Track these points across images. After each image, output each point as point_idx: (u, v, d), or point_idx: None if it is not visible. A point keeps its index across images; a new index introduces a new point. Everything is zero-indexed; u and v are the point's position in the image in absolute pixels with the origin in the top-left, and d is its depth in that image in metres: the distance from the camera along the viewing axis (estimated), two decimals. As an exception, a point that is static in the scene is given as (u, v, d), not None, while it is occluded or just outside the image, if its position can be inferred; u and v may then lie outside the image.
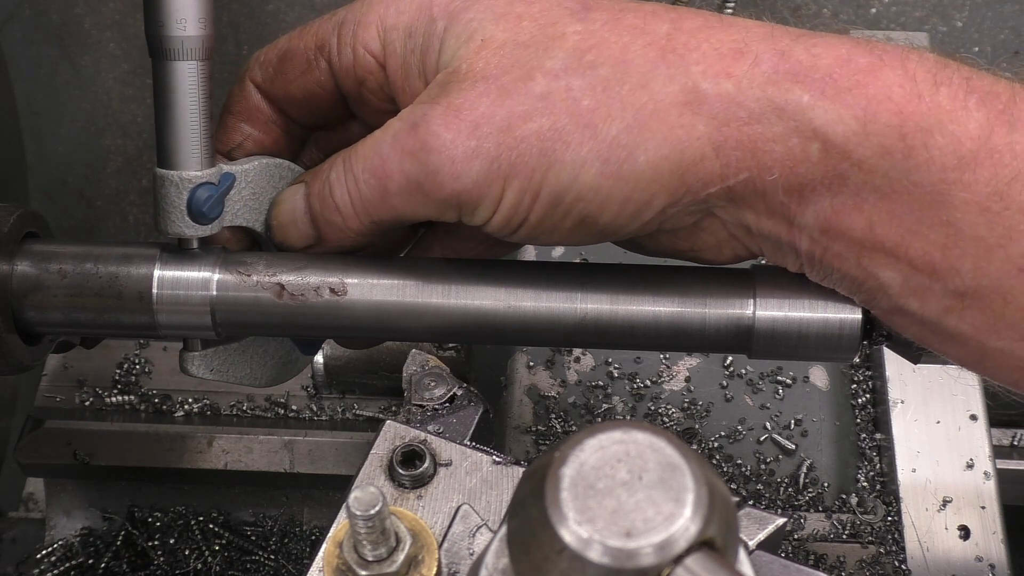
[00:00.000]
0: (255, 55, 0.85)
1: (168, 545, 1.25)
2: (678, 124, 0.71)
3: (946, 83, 0.70)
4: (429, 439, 0.81)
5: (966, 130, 0.69)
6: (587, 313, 0.80)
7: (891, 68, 0.70)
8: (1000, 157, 0.68)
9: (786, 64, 0.71)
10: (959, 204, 0.69)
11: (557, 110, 0.72)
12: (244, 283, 0.81)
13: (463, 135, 0.73)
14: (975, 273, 0.70)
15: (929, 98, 0.69)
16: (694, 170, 0.72)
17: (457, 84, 0.74)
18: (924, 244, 0.71)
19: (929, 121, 0.69)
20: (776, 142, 0.71)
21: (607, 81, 0.72)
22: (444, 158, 0.73)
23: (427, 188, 0.74)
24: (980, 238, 0.69)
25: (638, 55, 0.72)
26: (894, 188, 0.70)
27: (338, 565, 0.70)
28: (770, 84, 0.71)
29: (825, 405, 1.17)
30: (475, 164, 0.73)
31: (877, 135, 0.69)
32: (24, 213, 0.84)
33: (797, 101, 0.70)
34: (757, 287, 0.79)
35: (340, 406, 1.31)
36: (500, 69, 0.73)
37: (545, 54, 0.73)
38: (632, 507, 0.55)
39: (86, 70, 1.83)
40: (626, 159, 0.72)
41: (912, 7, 1.79)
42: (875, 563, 1.09)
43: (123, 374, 1.32)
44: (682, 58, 0.72)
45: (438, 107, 0.74)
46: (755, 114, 0.71)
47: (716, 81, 0.71)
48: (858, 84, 0.70)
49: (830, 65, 0.71)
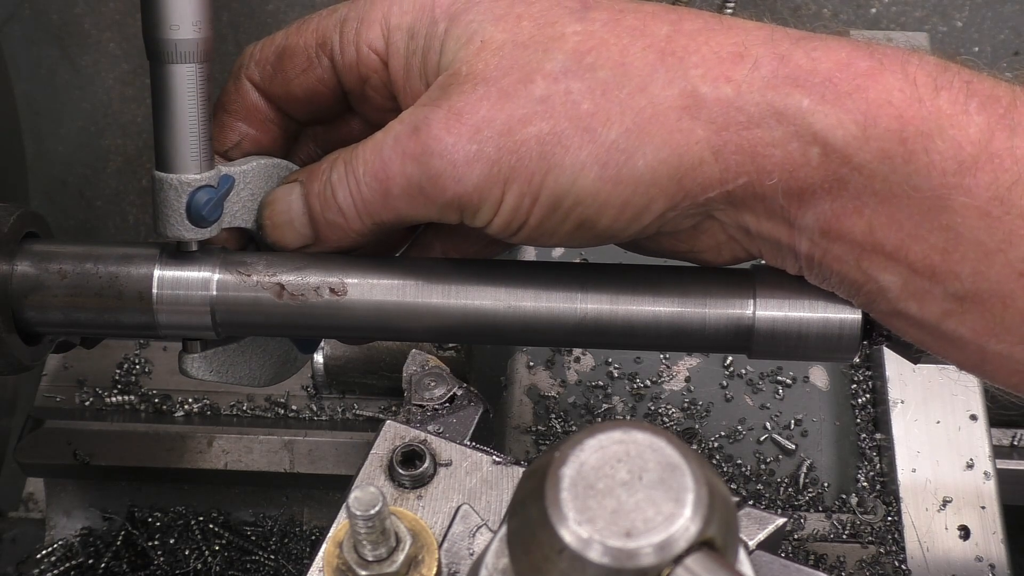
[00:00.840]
0: (248, 51, 0.85)
1: (168, 545, 1.25)
2: (677, 128, 0.71)
3: (947, 87, 0.70)
4: (429, 439, 0.81)
5: (966, 135, 0.69)
6: (587, 313, 0.80)
7: (891, 72, 0.70)
8: (1000, 162, 0.68)
9: (786, 68, 0.71)
10: (959, 208, 0.69)
11: (557, 114, 0.72)
12: (244, 283, 0.81)
13: (464, 139, 0.73)
14: (975, 277, 0.70)
15: (929, 102, 0.69)
16: (693, 174, 0.72)
17: (458, 87, 0.74)
18: (924, 248, 0.71)
19: (929, 126, 0.69)
20: (775, 146, 0.71)
21: (606, 84, 0.72)
22: (446, 162, 0.73)
23: (429, 191, 0.75)
24: (980, 242, 0.69)
25: (637, 57, 0.72)
26: (894, 192, 0.70)
27: (338, 565, 0.70)
28: (770, 88, 0.71)
29: (825, 405, 1.17)
30: (476, 168, 0.73)
31: (877, 140, 0.69)
32: (24, 213, 0.84)
33: (797, 105, 0.70)
34: (757, 287, 0.79)
35: (340, 406, 1.31)
36: (500, 71, 0.73)
37: (545, 56, 0.73)
38: (632, 507, 0.55)
39: (86, 70, 1.83)
40: (625, 163, 0.72)
41: (912, 7, 1.80)
42: (875, 563, 1.09)
43: (123, 374, 1.32)
44: (681, 61, 0.72)
45: (439, 110, 0.74)
46: (754, 118, 0.71)
47: (715, 85, 0.71)
48: (858, 88, 0.70)
49: (830, 69, 0.70)
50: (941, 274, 0.71)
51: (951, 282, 0.71)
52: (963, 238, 0.70)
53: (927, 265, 0.71)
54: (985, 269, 0.70)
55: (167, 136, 0.80)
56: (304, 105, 0.84)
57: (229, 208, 0.83)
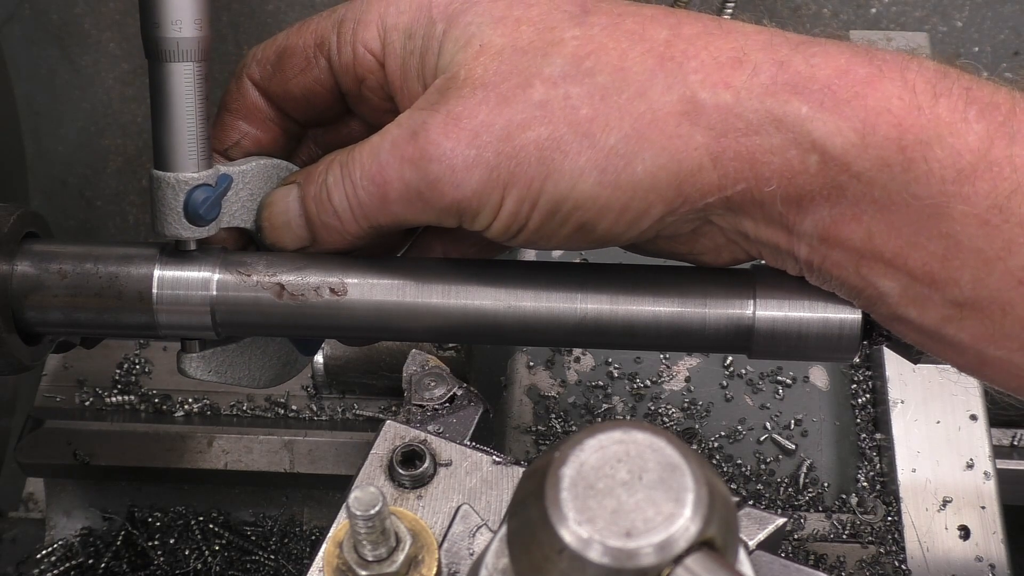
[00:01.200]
0: (252, 52, 0.85)
1: (168, 545, 1.25)
2: (676, 134, 0.71)
3: (945, 94, 0.70)
4: (429, 439, 0.81)
5: (965, 143, 0.68)
6: (587, 313, 0.80)
7: (890, 79, 0.70)
8: (1000, 170, 0.68)
9: (784, 75, 0.71)
10: (958, 217, 0.69)
11: (555, 119, 0.72)
12: (244, 283, 0.81)
13: (462, 144, 0.73)
14: (974, 284, 0.70)
15: (928, 110, 0.69)
16: (691, 180, 0.72)
17: (456, 91, 0.74)
18: (923, 255, 0.71)
19: (928, 134, 0.69)
20: (774, 154, 0.71)
21: (605, 89, 0.72)
22: (444, 167, 0.73)
23: (427, 196, 0.75)
24: (979, 250, 0.69)
25: (636, 62, 0.72)
26: (893, 200, 0.70)
27: (338, 565, 0.70)
28: (768, 95, 0.71)
29: (825, 405, 1.17)
30: (475, 173, 0.73)
31: (876, 147, 0.69)
32: (24, 213, 0.84)
33: (795, 113, 0.70)
34: (757, 287, 0.79)
35: (340, 406, 1.31)
36: (499, 76, 0.73)
37: (544, 60, 0.73)
38: (632, 507, 0.55)
39: (86, 70, 1.83)
40: (623, 169, 0.72)
41: (912, 7, 1.80)
42: (875, 563, 1.09)
43: (123, 374, 1.32)
44: (680, 66, 0.72)
45: (437, 115, 0.74)
46: (753, 125, 0.71)
47: (714, 91, 0.71)
48: (857, 96, 0.70)
49: (829, 76, 0.70)
50: (940, 281, 0.71)
51: (950, 289, 0.71)
52: (962, 246, 0.69)
53: (926, 272, 0.71)
54: (984, 277, 0.70)
55: (165, 135, 0.79)
56: (303, 105, 0.84)
57: (228, 207, 0.83)
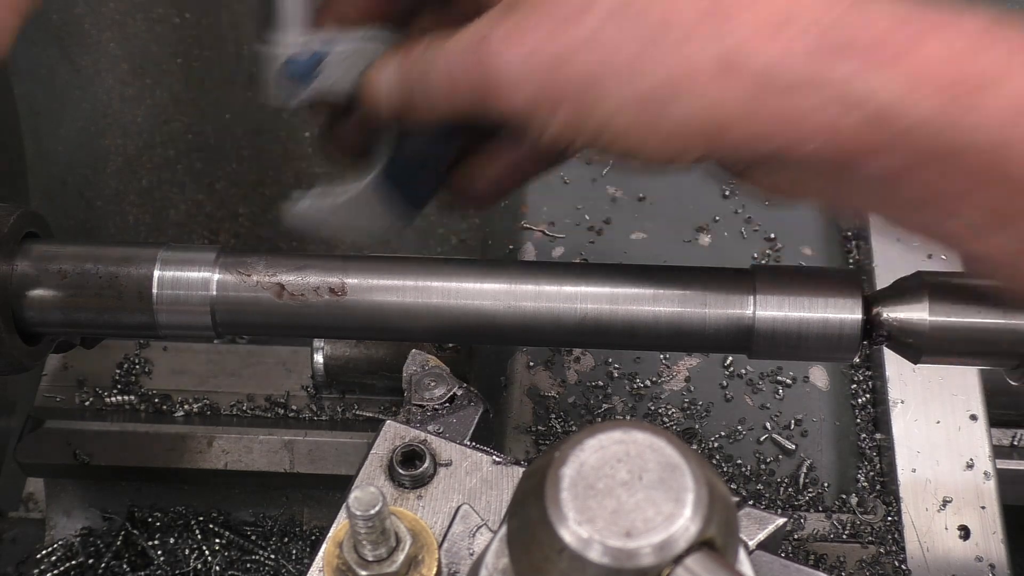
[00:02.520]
0: None
1: (168, 545, 1.25)
2: (711, 87, 0.72)
3: (1001, 40, 0.70)
4: (429, 439, 0.81)
5: (1020, 85, 0.68)
6: (587, 313, 0.80)
7: (941, 31, 0.70)
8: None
9: (832, 35, 0.71)
10: (1017, 157, 0.69)
11: (604, 51, 0.74)
12: (244, 283, 0.81)
13: (517, 60, 0.76)
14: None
15: (983, 55, 0.69)
16: (723, 135, 0.73)
17: (523, 5, 0.77)
18: (985, 196, 0.71)
19: (984, 79, 0.69)
20: (816, 111, 0.71)
21: (653, 31, 0.73)
22: (501, 77, 0.76)
23: (486, 100, 0.78)
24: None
25: (686, 9, 0.73)
26: (946, 150, 0.70)
27: (338, 565, 0.70)
28: (814, 54, 0.71)
29: (825, 405, 1.17)
30: (527, 88, 0.76)
31: (927, 99, 0.69)
32: (24, 213, 0.84)
33: (841, 71, 0.70)
34: (757, 287, 0.80)
35: (340, 406, 1.31)
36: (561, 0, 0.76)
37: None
38: (632, 507, 0.55)
39: (86, 70, 1.83)
40: (659, 112, 0.73)
41: (912, 7, 1.79)
42: (875, 563, 1.09)
43: (123, 374, 1.31)
44: (728, 20, 0.72)
45: (500, 29, 0.77)
46: (793, 84, 0.71)
47: (757, 48, 0.71)
48: (907, 50, 0.70)
49: (877, 34, 0.70)
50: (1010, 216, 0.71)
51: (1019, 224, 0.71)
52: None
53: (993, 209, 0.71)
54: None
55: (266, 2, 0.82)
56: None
57: (330, 74, 0.84)
